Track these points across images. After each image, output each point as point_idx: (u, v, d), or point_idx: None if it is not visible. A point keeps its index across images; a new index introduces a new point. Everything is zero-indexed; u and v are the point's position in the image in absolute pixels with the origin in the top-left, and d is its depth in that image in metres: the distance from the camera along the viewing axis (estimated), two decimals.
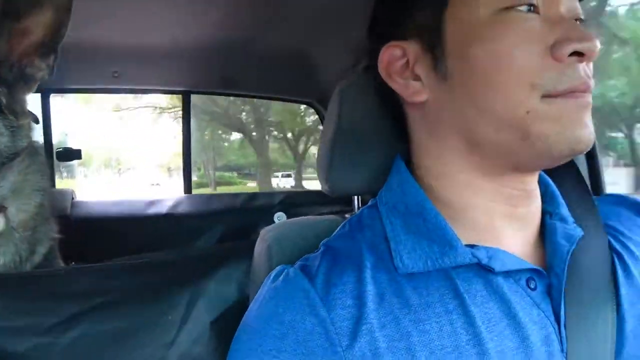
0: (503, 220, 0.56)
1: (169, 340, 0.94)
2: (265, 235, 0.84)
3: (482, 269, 0.52)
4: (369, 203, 0.66)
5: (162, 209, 1.75)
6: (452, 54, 0.53)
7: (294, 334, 0.52)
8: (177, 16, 1.37)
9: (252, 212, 1.84)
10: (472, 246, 0.53)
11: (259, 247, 0.84)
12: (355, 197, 1.00)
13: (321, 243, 0.63)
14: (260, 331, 0.54)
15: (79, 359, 0.86)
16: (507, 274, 0.52)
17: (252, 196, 1.95)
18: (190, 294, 0.97)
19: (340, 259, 0.57)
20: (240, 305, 0.98)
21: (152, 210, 1.72)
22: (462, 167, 0.56)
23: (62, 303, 0.86)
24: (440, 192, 0.58)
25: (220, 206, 1.85)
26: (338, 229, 0.65)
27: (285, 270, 0.59)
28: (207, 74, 1.82)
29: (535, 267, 0.53)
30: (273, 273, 0.61)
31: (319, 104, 1.98)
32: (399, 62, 0.58)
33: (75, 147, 1.87)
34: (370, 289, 0.52)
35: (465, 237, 0.54)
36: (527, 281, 0.52)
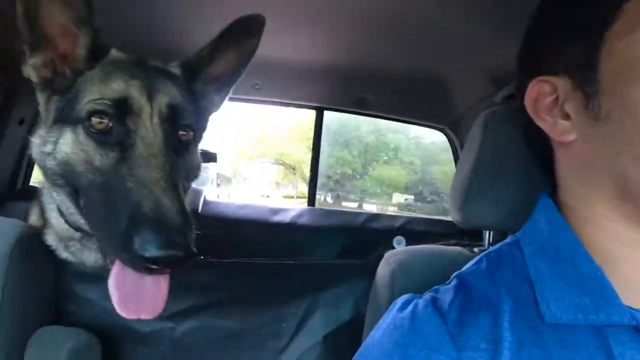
0: None
1: (281, 347, 0.96)
2: (390, 259, 0.83)
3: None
4: (508, 240, 0.62)
5: (285, 218, 1.81)
6: (608, 93, 0.48)
7: None
8: (320, 36, 1.42)
9: (371, 232, 1.83)
10: (630, 307, 0.47)
11: (383, 270, 0.83)
12: (487, 232, 0.95)
13: (453, 275, 0.61)
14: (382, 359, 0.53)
15: (192, 348, 0.92)
16: None
17: (373, 217, 1.94)
18: (308, 304, 0.99)
19: (475, 297, 0.54)
20: (355, 325, 0.99)
21: (276, 218, 1.78)
22: (613, 215, 0.51)
23: (185, 293, 0.92)
24: (586, 238, 0.53)
25: (340, 222, 1.86)
26: (472, 262, 0.62)
27: (415, 300, 0.57)
28: (341, 92, 1.85)
29: None
30: (400, 301, 0.59)
31: (451, 130, 1.93)
32: (548, 98, 0.54)
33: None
34: (507, 335, 0.49)
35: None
36: None
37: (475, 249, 0.87)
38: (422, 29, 1.28)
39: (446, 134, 1.99)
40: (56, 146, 0.77)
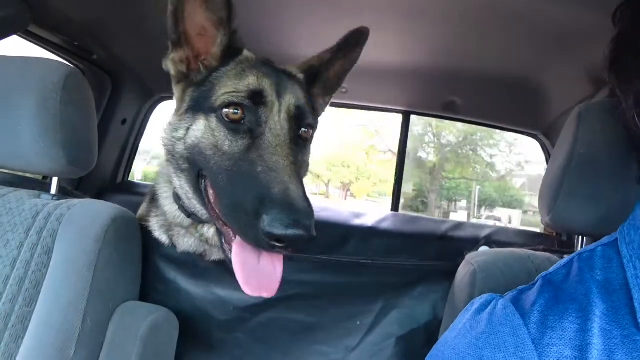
0: None
1: (353, 345, 0.95)
2: (471, 259, 0.80)
3: None
4: (604, 240, 0.56)
5: (368, 222, 1.79)
6: None
7: None
8: (407, 38, 1.41)
9: (456, 241, 1.76)
10: None
11: (463, 271, 0.80)
12: (579, 239, 0.88)
13: (539, 276, 0.56)
14: None
15: (267, 339, 0.93)
16: None
17: (458, 225, 1.88)
18: (383, 304, 0.97)
19: (562, 298, 0.50)
20: (431, 328, 0.95)
21: (358, 222, 1.77)
22: None
23: None
24: None
25: (424, 229, 1.81)
26: (561, 263, 0.57)
27: (495, 300, 0.54)
28: (428, 96, 1.82)
29: None
30: (478, 301, 0.56)
31: (545, 137, 1.82)
32: None
33: None
34: (597, 343, 0.45)
35: None
36: None
37: (566, 256, 0.80)
38: (515, 26, 1.22)
39: (539, 141, 1.87)
40: (188, 132, 0.85)
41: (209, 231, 0.92)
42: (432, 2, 1.17)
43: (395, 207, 2.05)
